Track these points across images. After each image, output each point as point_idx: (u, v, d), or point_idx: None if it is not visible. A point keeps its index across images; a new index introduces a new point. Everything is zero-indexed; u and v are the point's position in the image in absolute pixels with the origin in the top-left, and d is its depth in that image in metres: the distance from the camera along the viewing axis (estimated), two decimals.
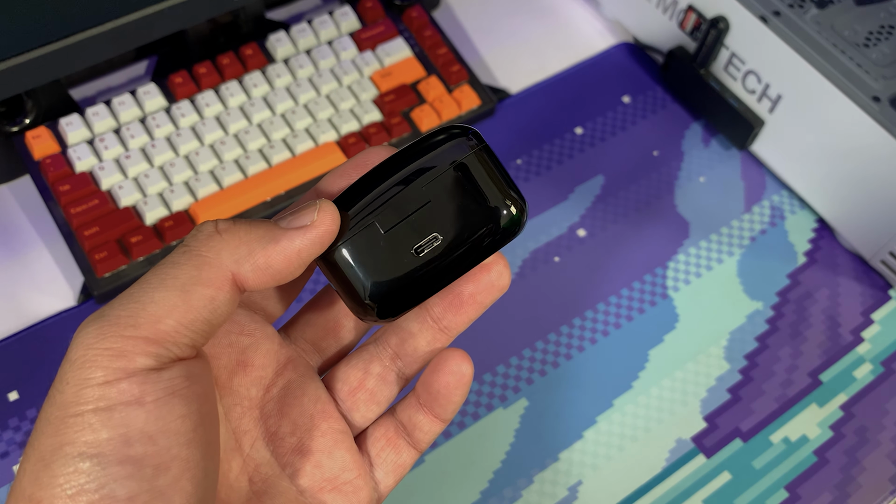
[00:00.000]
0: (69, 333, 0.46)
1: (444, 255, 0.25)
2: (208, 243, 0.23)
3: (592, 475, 0.44)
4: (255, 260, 0.23)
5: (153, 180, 0.49)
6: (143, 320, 0.22)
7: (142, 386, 0.21)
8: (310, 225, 0.24)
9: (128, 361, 0.21)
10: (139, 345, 0.21)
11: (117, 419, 0.21)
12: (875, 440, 0.46)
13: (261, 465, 0.27)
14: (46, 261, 0.49)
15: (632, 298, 0.50)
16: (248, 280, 0.23)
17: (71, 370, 0.21)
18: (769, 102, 0.52)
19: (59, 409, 0.21)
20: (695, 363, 0.48)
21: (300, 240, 0.24)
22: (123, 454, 0.21)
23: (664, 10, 0.57)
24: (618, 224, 0.53)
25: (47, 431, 0.21)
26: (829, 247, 0.53)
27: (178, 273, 0.23)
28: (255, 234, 0.24)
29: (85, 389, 0.21)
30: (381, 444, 0.29)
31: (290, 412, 0.28)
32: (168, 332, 0.22)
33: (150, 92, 0.52)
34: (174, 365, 0.22)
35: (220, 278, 0.23)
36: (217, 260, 0.23)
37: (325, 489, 0.27)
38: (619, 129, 0.57)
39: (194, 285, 0.22)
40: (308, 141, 0.52)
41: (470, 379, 0.27)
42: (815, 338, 0.49)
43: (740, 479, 0.44)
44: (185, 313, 0.22)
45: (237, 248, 0.23)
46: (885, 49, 0.50)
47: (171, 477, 0.21)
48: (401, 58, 0.57)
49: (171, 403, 0.22)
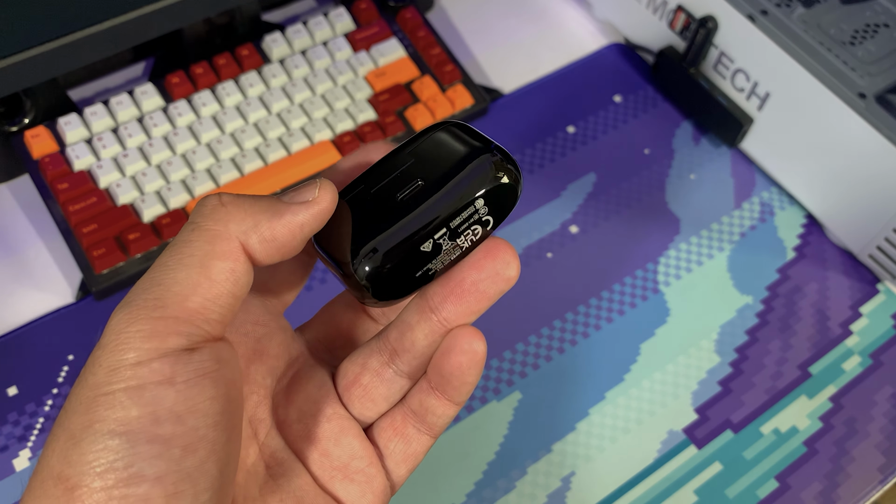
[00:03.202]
0: (68, 329, 0.47)
1: (436, 227, 0.25)
2: (214, 216, 0.23)
3: (585, 466, 0.45)
4: (261, 232, 0.24)
5: (150, 178, 0.50)
6: (170, 301, 0.22)
7: (173, 366, 0.22)
8: (311, 201, 0.24)
9: (160, 342, 0.22)
10: (170, 325, 0.22)
11: (147, 397, 0.21)
12: (864, 431, 0.46)
13: (276, 451, 0.27)
14: (45, 258, 0.50)
15: (623, 293, 0.51)
16: (255, 252, 0.24)
17: (103, 354, 0.22)
18: (758, 100, 0.53)
19: (91, 390, 0.21)
20: (686, 356, 0.49)
21: (303, 214, 0.24)
22: (152, 433, 0.21)
23: (654, 11, 0.58)
24: (610, 221, 0.54)
25: (79, 410, 0.21)
26: (818, 242, 0.53)
27: (192, 251, 0.23)
28: (260, 207, 0.24)
29: (117, 370, 0.21)
30: (389, 434, 0.28)
31: (295, 399, 0.28)
32: (196, 310, 0.22)
33: (147, 92, 0.53)
34: (205, 346, 0.22)
35: (234, 249, 0.23)
36: (226, 231, 0.23)
37: (337, 478, 0.27)
38: (610, 127, 0.58)
39: (212, 260, 0.23)
40: (303, 139, 0.53)
41: (483, 357, 0.26)
42: (805, 331, 0.50)
43: (731, 470, 0.45)
44: (209, 288, 0.22)
45: (243, 220, 0.24)
46: (870, 47, 0.51)
47: (199, 459, 0.22)
48: (395, 58, 0.57)
49: (201, 384, 0.22)
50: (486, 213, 0.26)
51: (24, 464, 0.43)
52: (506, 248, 0.26)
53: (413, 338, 0.27)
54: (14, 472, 0.42)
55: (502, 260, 0.25)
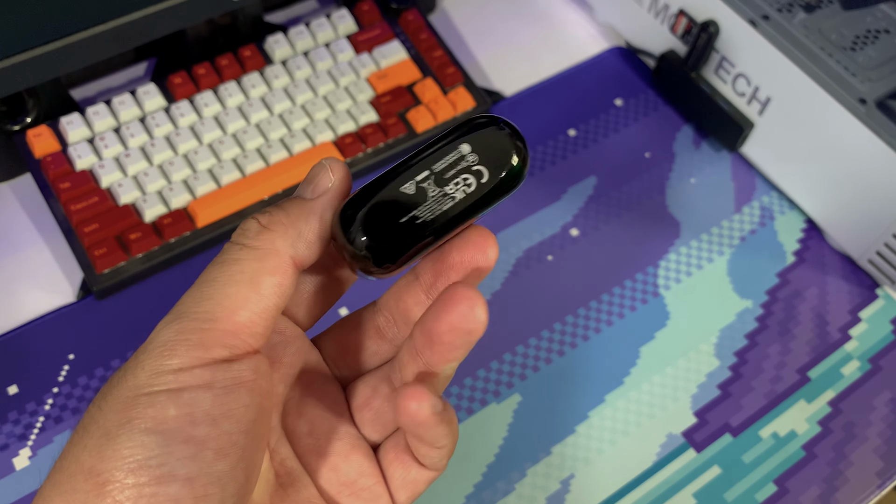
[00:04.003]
0: (69, 329, 0.47)
1: (418, 169, 0.25)
2: (260, 237, 0.24)
3: (584, 469, 0.45)
4: (307, 237, 0.25)
5: (152, 178, 0.50)
6: (221, 314, 0.23)
7: (214, 373, 0.22)
8: (332, 187, 0.26)
9: (205, 351, 0.22)
10: (218, 336, 0.23)
11: (186, 398, 0.22)
12: (862, 435, 0.47)
13: (285, 459, 0.28)
14: (46, 257, 0.50)
15: (623, 296, 0.51)
16: (304, 257, 0.25)
17: (148, 358, 0.22)
18: (759, 105, 0.53)
19: (131, 391, 0.22)
20: (685, 360, 0.49)
21: (328, 198, 0.25)
22: (187, 433, 0.21)
23: (656, 15, 0.58)
24: (610, 224, 0.54)
25: (115, 408, 0.22)
26: (818, 246, 0.54)
27: (243, 268, 0.24)
28: (295, 215, 0.25)
29: (160, 373, 0.22)
30: (391, 458, 0.29)
31: (308, 412, 0.28)
32: (244, 323, 0.23)
33: (149, 92, 0.53)
34: (245, 357, 0.23)
35: (283, 265, 0.24)
36: (275, 249, 0.24)
37: (344, 493, 0.28)
38: (611, 131, 0.58)
39: (262, 276, 0.24)
40: (305, 141, 0.53)
41: (427, 414, 0.25)
42: (804, 335, 0.50)
43: (730, 474, 0.45)
44: (257, 303, 0.24)
45: (287, 234, 0.25)
46: (871, 52, 0.51)
47: (229, 463, 0.22)
48: (397, 60, 0.58)
49: (237, 392, 0.23)
50: (476, 162, 0.25)
51: (25, 462, 0.43)
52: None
53: (406, 377, 0.27)
54: (14, 471, 0.42)
55: (467, 306, 0.24)
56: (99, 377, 0.46)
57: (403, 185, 0.25)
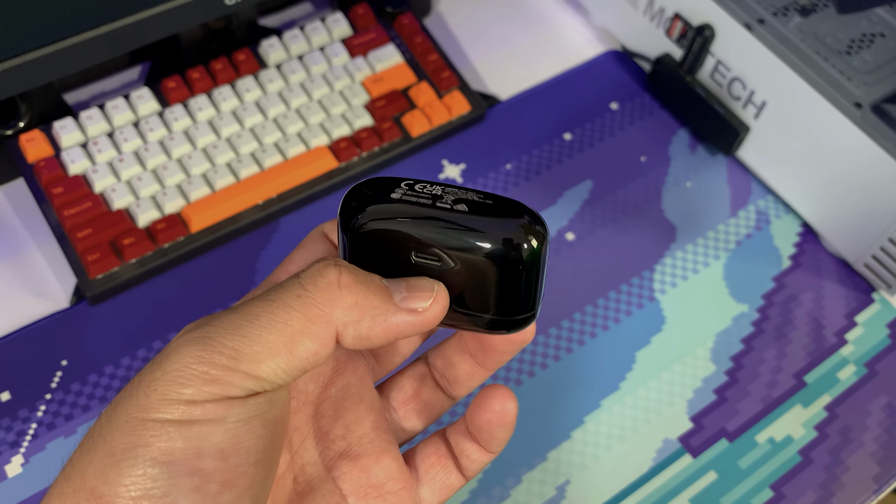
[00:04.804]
0: (62, 335, 0.47)
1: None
2: (326, 294, 0.23)
3: (580, 475, 0.45)
4: (360, 329, 0.24)
5: (146, 183, 0.50)
6: (247, 357, 0.22)
7: (227, 410, 0.22)
8: (421, 311, 0.24)
9: (219, 389, 0.22)
10: (236, 378, 0.22)
11: (195, 432, 0.21)
12: (858, 440, 0.46)
13: (307, 464, 0.28)
14: (39, 263, 0.49)
15: (619, 301, 0.51)
16: (346, 342, 0.24)
17: (161, 379, 0.22)
18: (754, 109, 0.53)
19: (141, 412, 0.21)
20: (681, 364, 0.49)
21: (405, 323, 0.24)
22: (193, 466, 0.21)
23: (651, 18, 0.58)
24: (606, 228, 0.54)
25: (123, 429, 0.21)
26: (814, 251, 0.53)
27: (289, 318, 0.23)
28: (372, 301, 0.24)
29: (171, 401, 0.21)
30: (432, 461, 0.29)
31: (345, 416, 0.28)
32: (266, 374, 0.22)
33: (143, 96, 0.53)
34: (261, 395, 0.23)
35: (327, 335, 0.23)
36: (329, 315, 0.23)
37: (371, 496, 0.28)
38: (606, 135, 0.58)
39: (303, 337, 0.23)
40: (300, 145, 0.53)
41: (513, 416, 0.27)
42: (800, 340, 0.50)
43: (726, 479, 0.45)
44: (287, 361, 0.23)
45: (350, 310, 0.23)
46: (866, 56, 0.51)
47: (235, 494, 0.22)
48: (392, 64, 0.57)
49: (251, 425, 0.22)
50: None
51: (17, 470, 0.42)
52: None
53: (456, 374, 0.28)
54: (6, 479, 0.42)
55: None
56: (92, 383, 0.45)
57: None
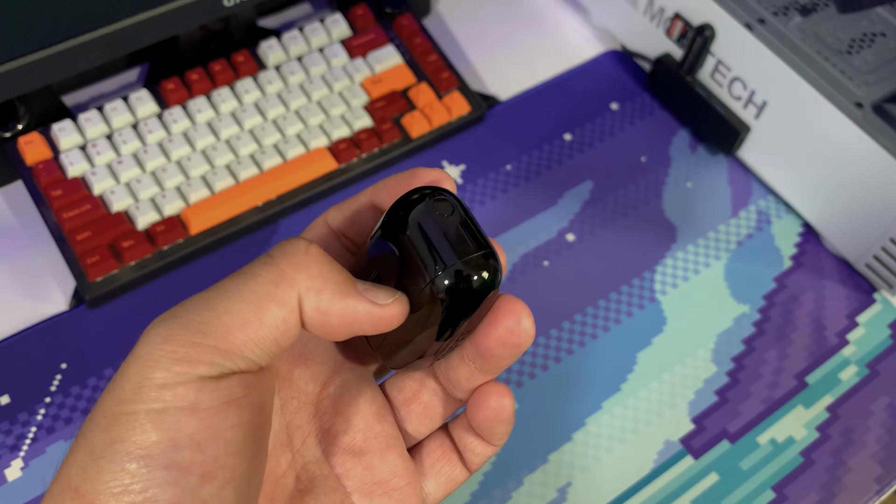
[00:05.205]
0: (61, 338, 0.47)
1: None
2: (292, 258, 0.23)
3: (581, 477, 0.44)
4: (321, 301, 0.23)
5: (145, 185, 0.50)
6: (215, 329, 0.22)
7: (199, 393, 0.21)
8: (381, 305, 0.24)
9: (190, 367, 0.21)
10: (205, 353, 0.21)
11: (169, 423, 0.21)
12: (860, 441, 0.46)
13: (309, 462, 0.27)
14: (38, 265, 0.49)
15: (620, 302, 0.51)
16: (305, 312, 0.23)
17: (133, 366, 0.21)
18: (755, 109, 0.53)
19: (116, 405, 0.21)
20: (682, 365, 0.48)
21: (364, 311, 0.24)
22: (170, 459, 0.21)
23: (651, 18, 0.58)
24: (606, 228, 0.53)
25: (101, 425, 0.21)
26: (815, 251, 0.53)
27: (255, 286, 0.22)
28: (335, 278, 0.23)
29: (143, 388, 0.21)
30: (437, 455, 0.28)
31: (345, 410, 0.28)
32: (237, 345, 0.22)
33: (142, 98, 0.53)
34: (235, 375, 0.22)
35: (292, 300, 0.23)
36: (293, 278, 0.23)
37: (375, 493, 0.27)
38: (607, 135, 0.58)
39: (269, 302, 0.22)
40: (299, 146, 0.53)
41: (511, 411, 0.26)
42: (802, 340, 0.50)
43: (728, 480, 0.45)
44: (256, 329, 0.22)
45: (314, 279, 0.23)
46: (867, 56, 0.51)
47: (216, 487, 0.21)
48: (391, 65, 0.57)
49: (225, 412, 0.22)
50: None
51: (16, 474, 0.42)
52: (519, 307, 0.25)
53: (457, 377, 0.28)
54: (6, 483, 0.42)
55: (513, 320, 0.25)
56: (92, 387, 0.45)
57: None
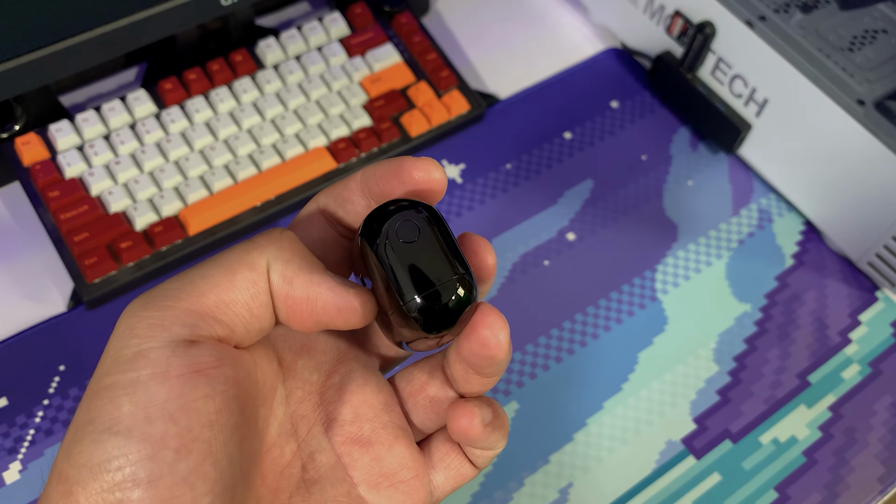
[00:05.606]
0: (59, 339, 0.46)
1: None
2: (268, 235, 0.24)
3: (583, 477, 0.44)
4: (287, 268, 0.24)
5: (143, 186, 0.49)
6: (187, 293, 0.23)
7: (170, 358, 0.22)
8: (347, 295, 0.24)
9: (164, 330, 0.22)
10: (179, 315, 0.22)
11: (140, 393, 0.21)
12: (863, 440, 0.46)
13: (315, 452, 0.27)
14: (36, 267, 0.49)
15: (621, 301, 0.50)
16: (272, 278, 0.24)
17: (113, 339, 0.22)
18: (756, 106, 0.53)
19: (96, 381, 0.22)
20: (684, 365, 0.48)
21: (326, 294, 0.24)
22: (144, 432, 0.21)
23: (651, 16, 0.57)
24: (607, 228, 0.53)
25: (83, 406, 0.22)
26: (817, 249, 0.53)
27: (229, 254, 0.24)
28: (306, 258, 0.24)
29: (119, 359, 0.22)
30: (447, 448, 0.28)
31: (351, 399, 0.28)
32: (209, 306, 0.23)
33: (139, 98, 0.52)
34: (206, 342, 0.22)
35: (262, 265, 0.24)
36: (264, 247, 0.24)
37: (382, 485, 0.27)
38: (607, 133, 0.58)
39: (240, 266, 0.24)
40: (298, 146, 0.52)
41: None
42: (804, 339, 0.49)
43: (730, 480, 0.45)
44: (227, 290, 0.23)
45: (282, 250, 0.24)
46: (869, 53, 0.51)
47: (193, 462, 0.21)
48: (390, 63, 0.57)
49: (194, 381, 0.22)
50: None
51: (15, 476, 0.42)
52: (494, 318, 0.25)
53: (454, 373, 0.27)
54: (4, 485, 0.42)
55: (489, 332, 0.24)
56: None
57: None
